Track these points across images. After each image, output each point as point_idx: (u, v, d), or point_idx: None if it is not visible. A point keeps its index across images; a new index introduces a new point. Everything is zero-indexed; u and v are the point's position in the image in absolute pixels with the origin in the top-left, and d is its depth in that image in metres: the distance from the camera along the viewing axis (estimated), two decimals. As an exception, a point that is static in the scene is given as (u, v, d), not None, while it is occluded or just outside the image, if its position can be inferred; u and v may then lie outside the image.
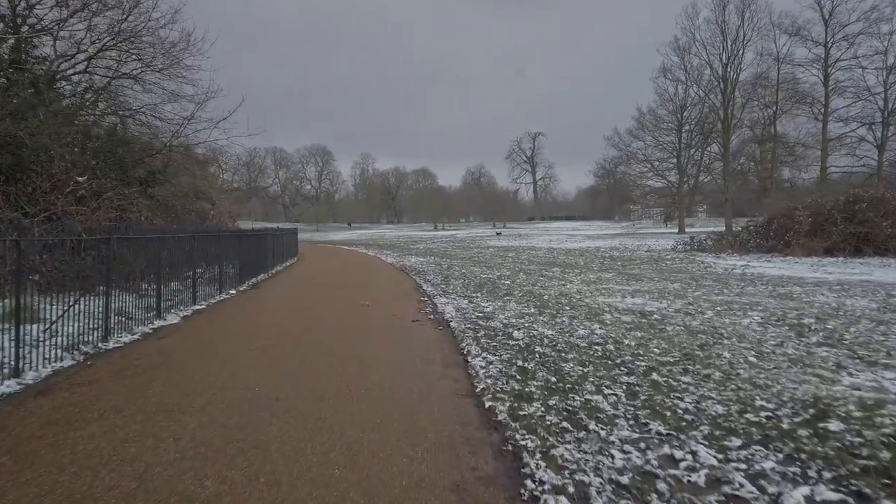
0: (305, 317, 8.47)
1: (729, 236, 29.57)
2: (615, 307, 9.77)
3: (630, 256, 26.92)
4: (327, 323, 8.01)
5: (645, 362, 5.58)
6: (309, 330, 7.36)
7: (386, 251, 33.59)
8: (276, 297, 11.30)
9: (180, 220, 17.84)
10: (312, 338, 6.82)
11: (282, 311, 9.15)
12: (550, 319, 8.23)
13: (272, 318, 8.47)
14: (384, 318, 8.49)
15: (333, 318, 8.42)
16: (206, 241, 10.99)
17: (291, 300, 10.74)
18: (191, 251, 10.13)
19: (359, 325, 7.82)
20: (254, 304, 10.16)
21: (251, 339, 6.73)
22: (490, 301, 10.58)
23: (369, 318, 8.48)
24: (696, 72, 50.00)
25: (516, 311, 9.08)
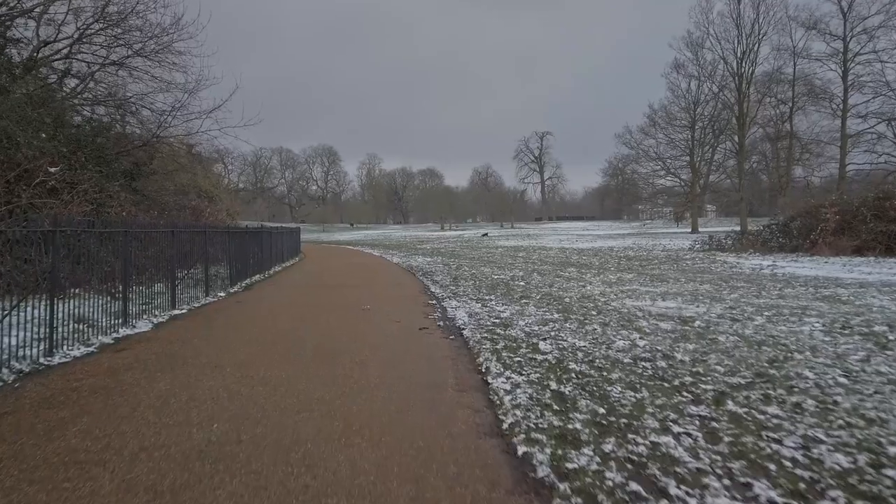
0: (296, 325, 7.35)
1: (749, 235, 28.26)
2: (648, 312, 8.61)
3: (647, 256, 25.71)
4: (321, 332, 6.89)
5: (711, 385, 4.43)
6: (298, 342, 6.24)
7: (392, 251, 32.50)
8: (268, 301, 10.21)
9: (172, 217, 16.83)
10: (300, 353, 5.70)
11: (270, 319, 8.04)
12: (579, 327, 7.09)
13: (257, 326, 7.36)
14: (387, 326, 7.36)
15: (329, 326, 7.30)
16: (189, 238, 9.91)
17: (284, 305, 9.64)
18: (172, 249, 9.06)
19: (357, 335, 6.70)
20: (241, 309, 9.06)
21: (225, 353, 5.61)
22: (506, 305, 9.45)
23: (370, 326, 7.35)
24: (709, 67, 48.62)
25: (538, 317, 7.94)
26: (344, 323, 7.55)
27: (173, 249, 8.91)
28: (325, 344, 6.14)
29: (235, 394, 4.24)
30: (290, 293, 11.38)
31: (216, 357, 5.41)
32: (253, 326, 7.24)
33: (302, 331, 6.90)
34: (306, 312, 8.53)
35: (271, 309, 9.02)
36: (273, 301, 10.12)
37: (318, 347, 5.92)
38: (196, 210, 18.99)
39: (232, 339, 6.36)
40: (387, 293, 11.32)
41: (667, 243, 34.93)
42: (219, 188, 41.67)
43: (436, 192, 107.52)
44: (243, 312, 8.59)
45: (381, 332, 6.93)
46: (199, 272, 10.59)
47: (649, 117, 54.85)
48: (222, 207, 22.62)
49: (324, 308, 9.04)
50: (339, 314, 8.33)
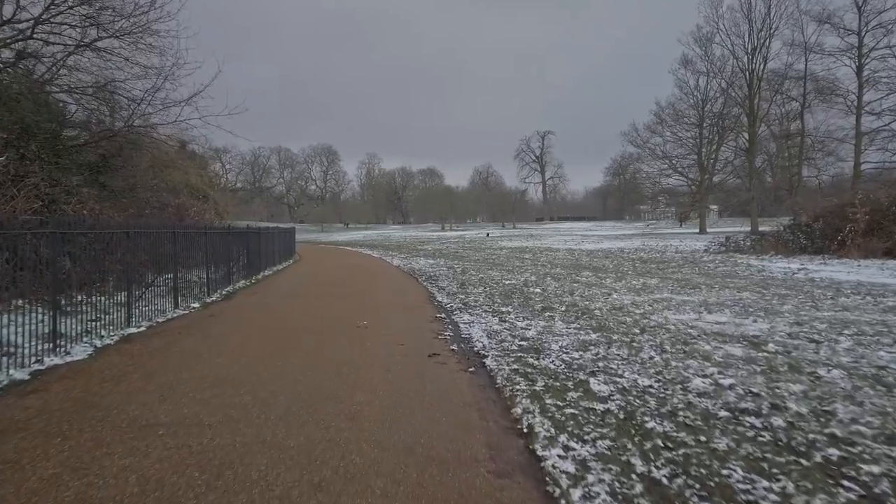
0: (273, 353, 5.81)
1: (768, 237, 26.78)
2: (701, 329, 7.13)
3: (661, 258, 24.24)
4: (303, 364, 5.38)
5: (874, 464, 2.96)
6: (270, 382, 4.73)
7: (392, 253, 31.00)
8: (247, 315, 8.67)
9: (153, 216, 15.35)
10: (269, 402, 4.17)
11: (242, 342, 6.49)
12: (630, 354, 5.60)
13: (223, 354, 5.78)
14: (388, 352, 5.85)
15: (314, 354, 5.79)
16: (154, 240, 8.40)
17: (264, 321, 8.10)
18: (132, 253, 7.56)
19: (349, 368, 5.19)
20: (210, 327, 7.50)
21: (166, 402, 4.07)
22: (527, 318, 7.97)
23: (366, 352, 5.84)
24: (719, 62, 47.16)
25: (572, 338, 6.45)
26: (333, 348, 6.04)
27: (134, 253, 7.40)
28: (306, 383, 4.64)
29: (157, 484, 2.75)
30: (275, 304, 9.87)
31: (151, 409, 3.89)
32: (217, 354, 5.70)
33: (279, 361, 5.39)
34: (289, 332, 7.00)
35: (247, 327, 7.48)
36: (252, 315, 8.58)
37: (296, 392, 4.40)
38: (180, 208, 17.50)
39: (184, 376, 4.85)
40: (387, 304, 9.83)
41: (677, 244, 33.47)
42: (212, 187, 40.23)
43: (436, 192, 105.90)
44: (211, 333, 7.01)
45: (379, 361, 5.41)
46: (174, 279, 9.12)
47: (656, 114, 53.39)
48: (210, 206, 21.11)
49: (311, 325, 7.53)
50: (328, 335, 6.82)
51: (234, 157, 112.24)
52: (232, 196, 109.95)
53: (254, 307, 9.39)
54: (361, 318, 7.99)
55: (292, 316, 8.33)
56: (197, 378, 4.73)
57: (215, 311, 8.73)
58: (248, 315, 8.48)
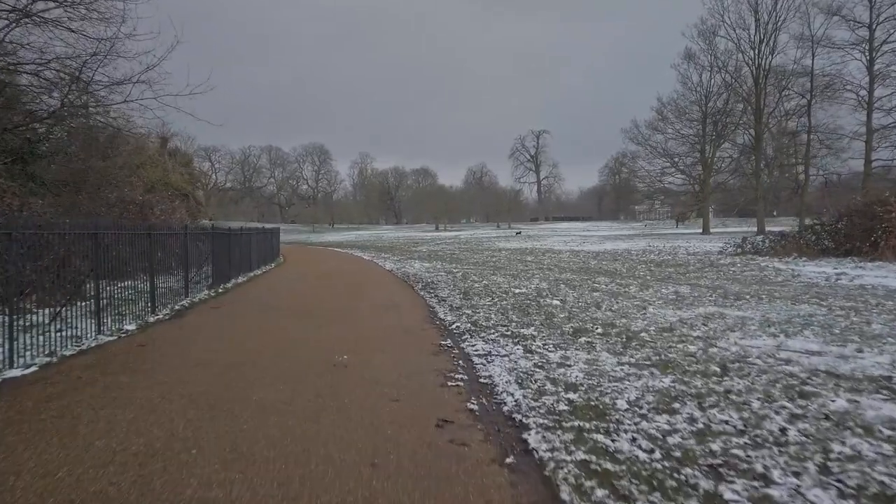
0: (199, 424, 3.77)
1: (789, 237, 24.99)
2: (800, 366, 5.23)
3: (676, 261, 22.40)
4: (236, 453, 3.40)
5: None
6: (180, 485, 2.75)
7: (384, 255, 28.98)
8: (187, 345, 6.45)
9: (103, 214, 13.31)
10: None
11: (159, 398, 4.35)
12: (744, 420, 3.66)
13: (113, 432, 3.72)
14: (372, 419, 3.76)
15: (261, 428, 3.78)
16: (69, 243, 6.38)
17: (210, 355, 5.93)
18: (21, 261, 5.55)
19: (306, 464, 3.21)
20: (128, 367, 5.36)
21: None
22: (560, 347, 6.04)
23: (339, 420, 3.75)
24: (723, 56, 45.43)
25: (637, 385, 4.51)
26: (293, 412, 3.99)
27: (22, 262, 5.39)
28: (237, 481, 2.68)
29: None
30: (234, 327, 7.79)
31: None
32: (105, 431, 3.63)
33: (202, 443, 3.40)
34: (236, 377, 4.93)
35: (178, 370, 5.27)
36: (196, 346, 6.44)
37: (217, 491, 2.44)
38: (143, 207, 15.46)
39: (49, 471, 2.87)
40: (376, 325, 7.83)
41: (686, 245, 31.62)
42: (196, 185, 38.10)
43: (430, 192, 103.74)
44: (121, 381, 4.80)
45: (359, 444, 3.32)
46: (107, 293, 7.13)
47: (658, 111, 51.62)
48: (182, 205, 19.02)
49: (272, 362, 5.50)
50: (291, 381, 4.77)
51: (224, 155, 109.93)
52: (222, 196, 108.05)
53: (204, 331, 7.32)
54: (341, 349, 6.00)
55: (249, 347, 6.25)
56: (59, 486, 2.75)
57: (152, 338, 6.68)
58: (189, 346, 6.36)
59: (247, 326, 7.62)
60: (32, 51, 10.91)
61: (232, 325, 7.69)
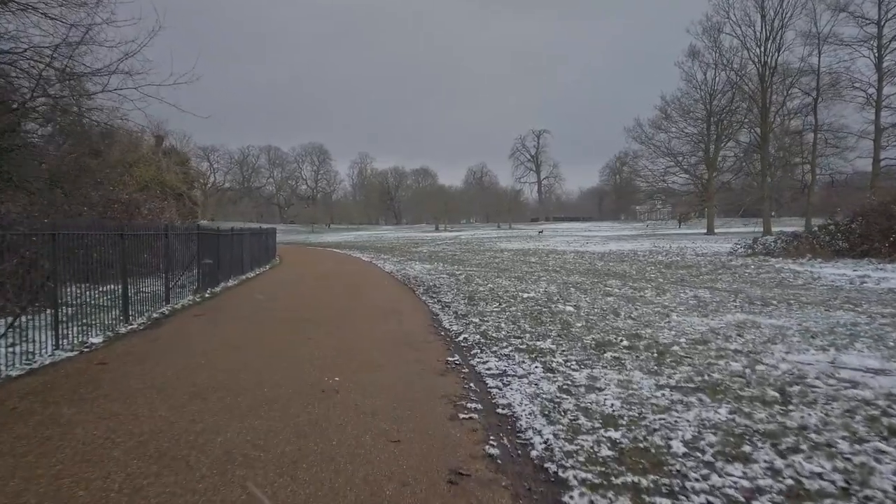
0: (148, 467, 2.95)
1: (801, 238, 24.18)
2: (869, 388, 4.44)
3: (685, 262, 21.61)
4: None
5: None
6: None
7: (384, 256, 28.19)
8: (156, 363, 5.45)
9: (86, 214, 12.54)
10: None
11: (112, 435, 3.46)
12: (829, 459, 2.88)
13: (53, 473, 2.90)
14: (366, 472, 2.93)
15: (222, 471, 2.97)
16: (36, 245, 5.57)
17: (183, 377, 5.00)
18: None
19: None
20: (84, 391, 4.51)
21: None
22: (586, 365, 5.25)
23: (321, 478, 2.95)
24: (728, 53, 44.60)
25: (688, 416, 3.73)
26: (265, 462, 3.08)
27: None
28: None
29: None
30: (212, 339, 6.94)
31: None
32: (30, 487, 2.80)
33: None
34: (202, 409, 4.05)
35: (139, 394, 4.36)
36: (166, 364, 5.45)
37: None
38: (129, 206, 14.65)
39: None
40: (373, 336, 7.03)
41: (692, 246, 30.79)
42: (191, 185, 37.21)
43: (429, 192, 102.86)
44: (63, 414, 3.82)
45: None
46: (79, 299, 6.33)
47: (661, 109, 50.76)
48: (171, 205, 18.19)
49: (247, 390, 4.61)
50: (267, 419, 3.87)
51: (222, 155, 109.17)
52: (221, 196, 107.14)
53: (178, 345, 6.48)
54: (333, 367, 5.20)
55: (226, 366, 5.37)
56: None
57: (116, 354, 5.85)
58: (156, 365, 5.46)
59: (228, 338, 6.80)
60: (7, 40, 10.14)
61: (211, 338, 6.86)
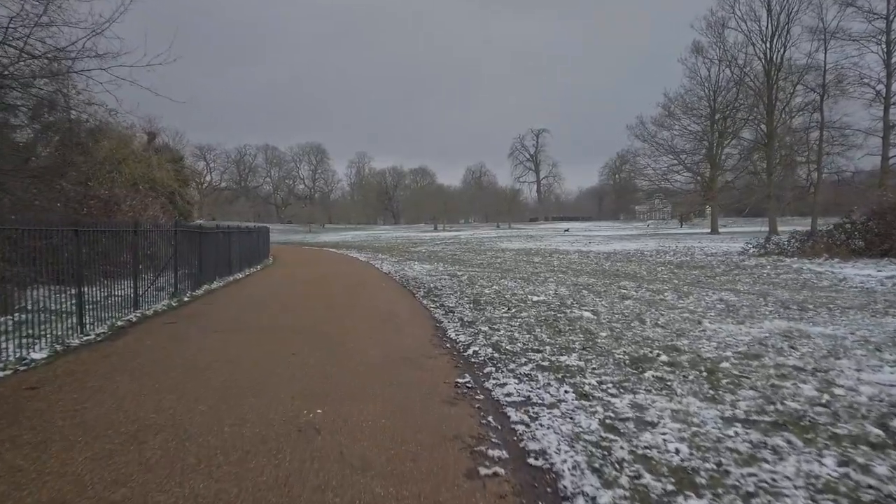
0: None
1: (815, 237, 23.23)
2: None
3: (696, 262, 20.69)
4: None
5: None
6: None
7: (382, 256, 27.19)
8: (100, 387, 4.40)
9: (57, 210, 11.57)
10: None
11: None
12: None
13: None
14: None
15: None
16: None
17: (126, 403, 3.97)
18: None
19: None
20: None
21: None
22: (624, 389, 4.30)
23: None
24: (733, 49, 43.68)
25: (786, 467, 2.78)
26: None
27: None
28: None
29: None
30: (176, 356, 5.82)
31: None
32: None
33: None
34: (136, 459, 3.15)
35: (61, 436, 3.31)
36: (111, 390, 4.39)
37: None
38: (108, 203, 13.66)
39: None
40: (367, 350, 6.04)
41: (699, 246, 29.85)
42: (185, 183, 36.13)
43: (428, 192, 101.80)
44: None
45: None
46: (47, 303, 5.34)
47: (664, 107, 49.82)
48: (156, 201, 17.19)
49: (205, 429, 3.54)
50: (220, 477, 2.96)
51: (219, 154, 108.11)
52: (217, 195, 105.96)
53: (133, 365, 5.32)
54: (316, 395, 4.23)
55: (185, 393, 4.34)
56: None
57: (55, 375, 4.84)
58: (98, 391, 4.36)
59: (193, 354, 5.76)
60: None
61: (174, 353, 5.82)
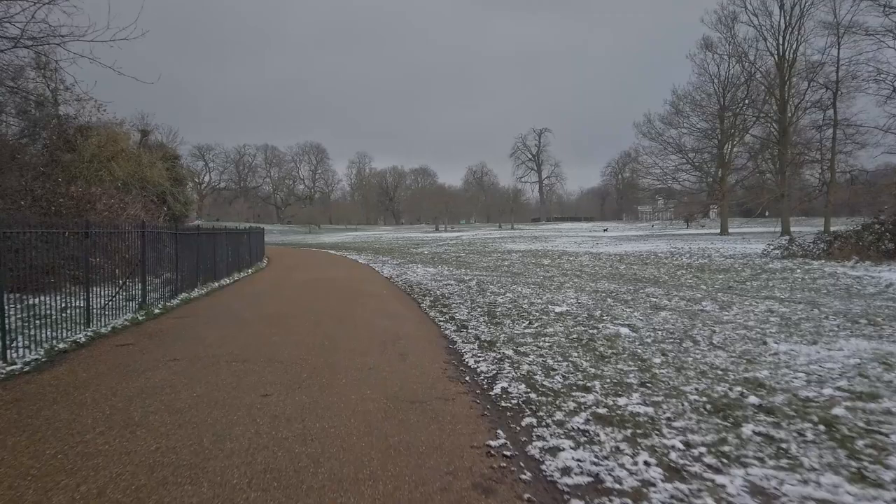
0: None
1: (842, 238, 21.86)
2: None
3: (716, 265, 19.36)
4: None
5: None
6: None
7: (382, 258, 25.87)
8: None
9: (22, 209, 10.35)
10: None
11: None
12: None
13: None
14: None
15: None
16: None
17: (18, 482, 2.96)
18: None
19: None
20: None
21: None
22: (730, 460, 2.99)
23: None
24: (745, 45, 42.32)
25: None
26: None
27: None
28: None
29: None
30: (121, 394, 4.50)
31: None
32: None
33: None
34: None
35: None
36: (10, 446, 3.38)
37: None
38: (80, 201, 12.38)
39: None
40: (363, 390, 4.66)
41: (713, 247, 28.54)
42: (171, 180, 34.73)
43: (429, 192, 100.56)
44: None
45: None
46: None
47: (672, 104, 48.45)
48: (136, 200, 15.86)
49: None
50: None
51: (218, 154, 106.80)
52: (216, 195, 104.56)
53: (46, 410, 3.93)
54: (282, 483, 2.95)
55: (94, 478, 3.08)
56: None
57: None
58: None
59: (132, 399, 4.22)
60: None
61: (108, 397, 4.30)
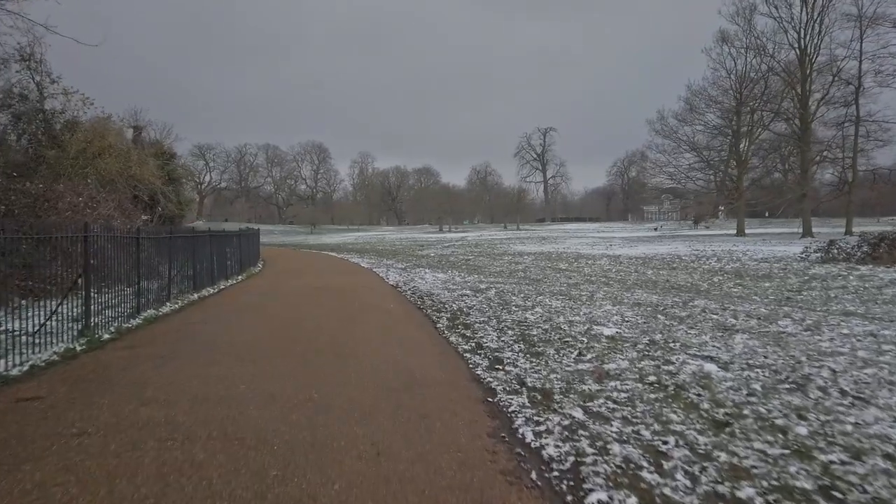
0: None
1: (886, 241, 20.05)
2: None
3: (757, 271, 17.61)
4: None
5: None
6: None
7: (387, 261, 24.12)
8: None
9: None
10: None
11: None
12: None
13: None
14: None
15: None
16: None
17: None
18: None
19: None
20: None
21: None
22: None
23: None
24: (763, 37, 40.50)
25: None
26: None
27: None
28: None
29: None
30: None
31: None
32: None
33: None
34: None
35: None
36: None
37: None
38: (37, 199, 10.70)
39: None
40: (367, 498, 3.04)
41: (737, 249, 26.75)
42: (173, 181, 33.00)
43: (433, 192, 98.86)
44: None
45: None
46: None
47: (686, 100, 46.64)
48: (110, 198, 14.14)
49: None
50: None
51: (219, 153, 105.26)
52: (217, 195, 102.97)
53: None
54: None
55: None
56: None
57: None
58: None
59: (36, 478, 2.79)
60: None
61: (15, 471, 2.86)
